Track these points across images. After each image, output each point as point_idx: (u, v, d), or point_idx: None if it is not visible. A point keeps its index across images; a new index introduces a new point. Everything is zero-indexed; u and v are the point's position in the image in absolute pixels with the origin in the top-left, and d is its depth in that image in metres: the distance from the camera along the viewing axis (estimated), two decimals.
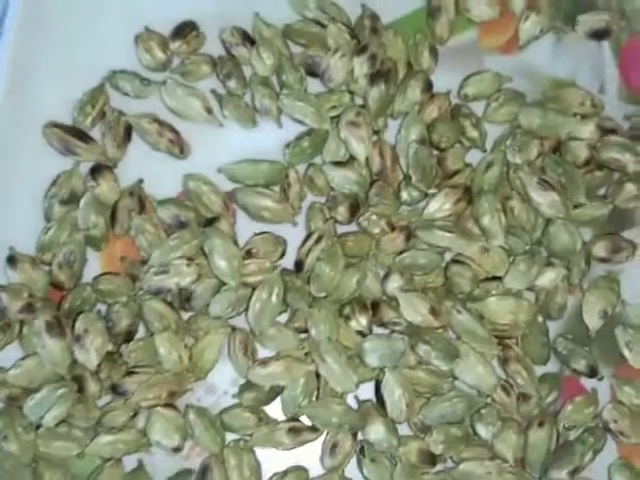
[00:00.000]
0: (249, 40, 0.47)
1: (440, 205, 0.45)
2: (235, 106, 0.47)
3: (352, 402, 0.45)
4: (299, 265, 0.45)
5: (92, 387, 0.44)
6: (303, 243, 0.45)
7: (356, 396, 0.45)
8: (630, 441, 0.45)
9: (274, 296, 0.44)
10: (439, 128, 0.47)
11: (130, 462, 0.44)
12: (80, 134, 0.46)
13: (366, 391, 0.45)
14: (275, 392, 0.44)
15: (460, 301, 0.45)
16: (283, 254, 0.46)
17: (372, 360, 0.44)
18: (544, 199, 0.45)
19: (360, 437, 0.44)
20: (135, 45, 0.47)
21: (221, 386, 0.45)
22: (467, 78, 0.48)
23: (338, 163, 0.46)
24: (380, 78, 0.47)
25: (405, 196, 0.46)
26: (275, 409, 0.45)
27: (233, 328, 0.45)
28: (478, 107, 0.48)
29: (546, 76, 0.48)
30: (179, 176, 0.46)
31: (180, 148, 0.46)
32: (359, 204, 0.46)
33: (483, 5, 0.48)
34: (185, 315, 0.45)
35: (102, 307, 0.45)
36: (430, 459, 0.44)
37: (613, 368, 0.46)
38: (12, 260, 0.44)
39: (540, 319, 0.46)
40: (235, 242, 0.45)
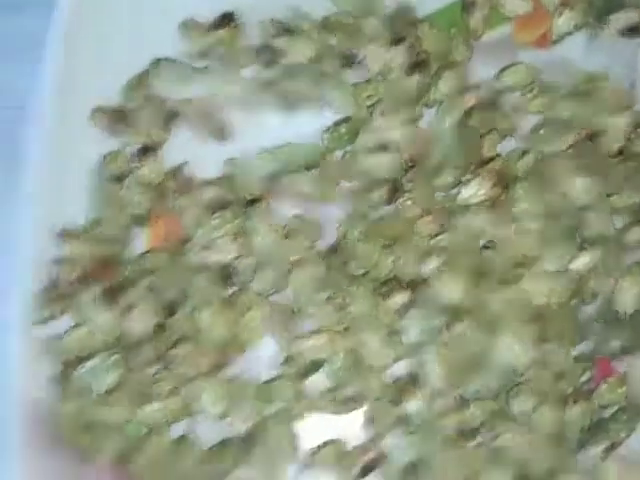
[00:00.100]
0: (289, 30, 0.48)
1: (475, 190, 0.46)
2: (274, 94, 0.48)
3: (390, 377, 0.46)
4: (338, 245, 0.46)
5: (140, 357, 0.45)
6: (341, 225, 0.46)
7: (393, 371, 0.46)
8: None
9: (314, 273, 0.45)
10: (475, 116, 0.48)
11: (176, 430, 0.45)
12: (126, 118, 0.47)
13: (404, 366, 0.46)
14: (315, 365, 0.45)
15: (496, 282, 0.46)
16: (321, 235, 0.47)
17: (409, 336, 0.45)
18: (578, 186, 0.46)
19: (399, 410, 0.45)
20: (179, 33, 0.48)
21: (263, 359, 0.46)
22: (502, 69, 0.49)
23: (375, 149, 0.47)
24: (416, 68, 0.48)
25: (440, 182, 0.47)
26: (315, 382, 0.45)
27: (274, 304, 0.46)
28: (513, 99, 0.49)
29: (579, 70, 0.49)
30: (221, 159, 0.47)
31: (222, 132, 0.48)
32: (395, 189, 0.47)
33: (517, 0, 0.49)
34: (227, 291, 0.46)
35: (149, 281, 0.46)
36: (468, 432, 0.45)
37: None
38: (64, 235, 0.45)
39: (574, 302, 0.47)
40: (275, 222, 0.46)
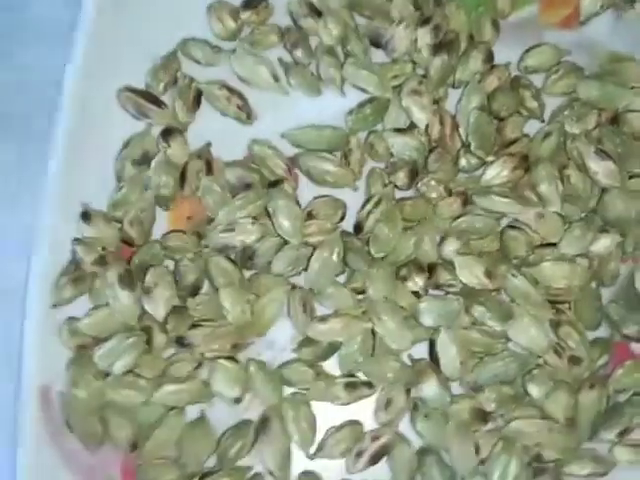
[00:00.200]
0: (316, 11, 0.48)
1: (498, 172, 0.46)
2: (301, 74, 0.48)
3: (407, 360, 0.46)
4: (359, 227, 0.46)
5: (159, 338, 0.45)
6: (363, 206, 0.46)
7: (410, 354, 0.46)
8: None
9: (334, 256, 0.45)
10: (499, 98, 0.48)
11: (192, 412, 0.46)
12: (153, 98, 0.47)
13: (420, 350, 0.46)
14: (332, 348, 0.46)
15: (515, 265, 0.46)
16: (343, 217, 0.47)
17: (427, 320, 0.45)
18: (600, 168, 0.46)
19: (414, 394, 0.45)
20: (207, 14, 0.48)
21: (280, 342, 0.46)
22: (527, 50, 0.49)
23: (399, 130, 0.47)
24: (442, 49, 0.48)
25: (463, 163, 0.47)
26: (332, 365, 0.46)
27: (293, 286, 0.46)
28: (537, 79, 0.48)
29: (605, 51, 0.49)
30: (245, 140, 0.48)
31: (247, 114, 0.48)
32: (418, 170, 0.47)
33: None
34: (248, 273, 0.46)
35: (170, 263, 0.46)
36: (482, 417, 0.45)
37: None
38: (86, 215, 0.46)
39: (593, 285, 0.47)
40: (297, 203, 0.46)
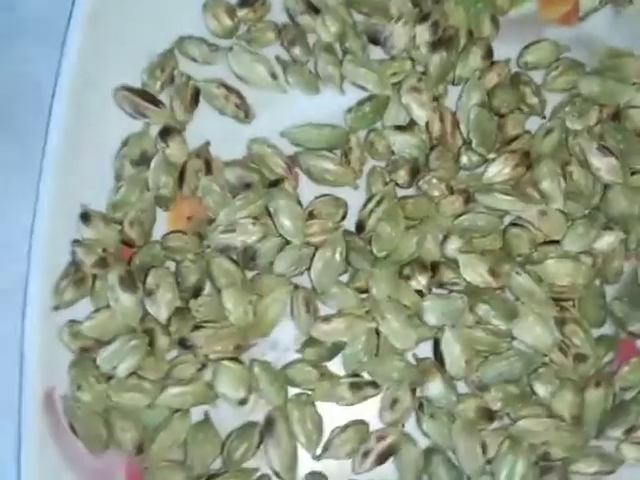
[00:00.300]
0: (313, 8, 0.48)
1: (499, 169, 0.46)
2: (299, 72, 0.48)
3: (411, 360, 0.46)
4: (361, 226, 0.46)
5: (162, 340, 0.45)
6: (365, 205, 0.46)
7: (415, 354, 0.46)
8: None
9: (337, 255, 0.45)
10: (499, 94, 0.47)
11: (197, 414, 0.45)
12: (150, 97, 0.47)
13: (425, 349, 0.46)
14: (337, 348, 0.45)
15: (519, 263, 0.45)
16: (344, 216, 0.47)
17: (431, 319, 0.45)
18: (603, 164, 0.46)
19: (419, 393, 0.45)
20: (203, 12, 0.48)
21: (284, 342, 0.46)
22: (527, 47, 0.48)
23: (399, 127, 0.47)
24: (441, 45, 0.47)
25: (465, 160, 0.47)
26: (336, 365, 0.45)
27: (296, 286, 0.46)
28: (537, 76, 0.48)
29: (604, 46, 0.49)
30: (244, 139, 0.47)
31: (245, 112, 0.47)
32: (419, 168, 0.47)
33: None
34: (250, 274, 0.46)
35: (171, 264, 0.46)
36: (488, 416, 0.45)
37: None
38: (85, 217, 0.45)
39: (597, 282, 0.46)
40: (299, 203, 0.46)
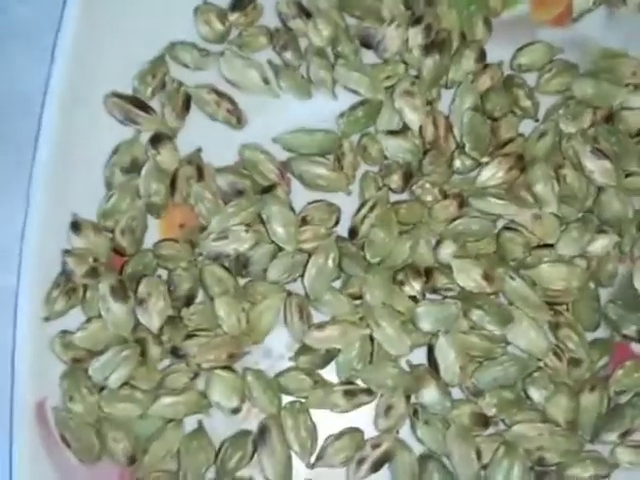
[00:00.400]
0: (305, 12, 0.47)
1: (493, 173, 0.46)
2: (291, 77, 0.48)
3: (405, 366, 0.45)
4: (354, 232, 0.45)
5: (154, 350, 0.44)
6: (358, 210, 0.46)
7: (409, 360, 0.45)
8: None
9: (330, 262, 0.45)
10: (492, 97, 0.47)
11: (190, 424, 0.45)
12: (141, 104, 0.47)
13: (419, 355, 0.45)
14: (330, 355, 0.45)
15: (512, 267, 0.45)
16: (337, 222, 0.46)
17: (425, 325, 0.45)
18: (596, 167, 0.46)
19: (414, 400, 0.45)
20: (194, 16, 0.48)
21: (277, 350, 0.46)
22: (520, 49, 0.48)
23: (392, 132, 0.47)
24: (434, 49, 0.47)
25: (458, 164, 0.46)
26: (330, 372, 0.45)
27: (289, 293, 0.45)
28: (531, 78, 0.48)
29: (597, 47, 0.49)
30: (236, 145, 0.47)
31: (237, 118, 0.47)
32: (412, 173, 0.46)
33: None
34: (242, 281, 0.46)
35: (163, 272, 0.46)
36: (483, 421, 0.45)
37: None
38: (76, 226, 0.45)
39: (591, 285, 0.46)
40: (292, 209, 0.46)
